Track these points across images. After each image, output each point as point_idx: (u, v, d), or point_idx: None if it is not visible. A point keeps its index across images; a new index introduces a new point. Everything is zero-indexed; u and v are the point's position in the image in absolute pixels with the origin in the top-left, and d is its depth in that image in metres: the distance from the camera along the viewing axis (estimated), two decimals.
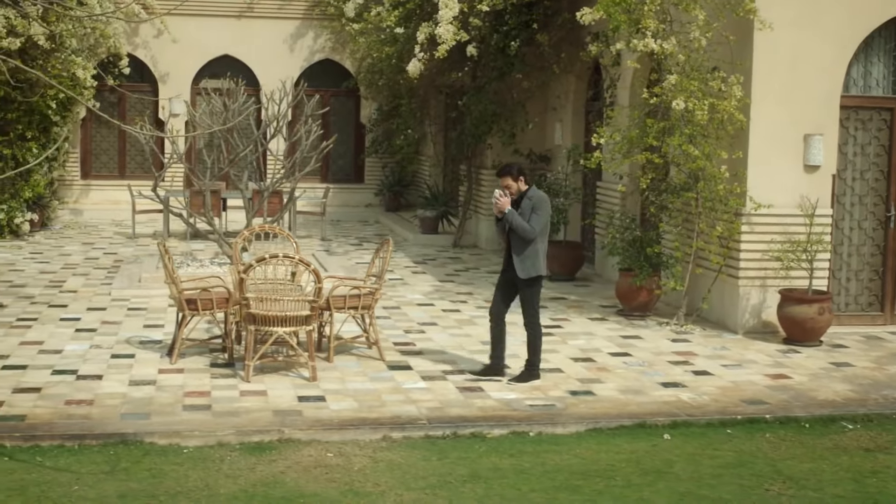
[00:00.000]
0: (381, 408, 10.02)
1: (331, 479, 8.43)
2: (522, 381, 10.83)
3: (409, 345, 12.56)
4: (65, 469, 8.50)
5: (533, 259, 10.58)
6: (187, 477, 8.40)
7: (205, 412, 9.76)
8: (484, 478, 8.52)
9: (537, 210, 10.54)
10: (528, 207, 10.55)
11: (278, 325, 10.77)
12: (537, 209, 10.54)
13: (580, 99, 19.36)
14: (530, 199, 10.60)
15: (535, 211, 10.52)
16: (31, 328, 13.04)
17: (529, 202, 10.59)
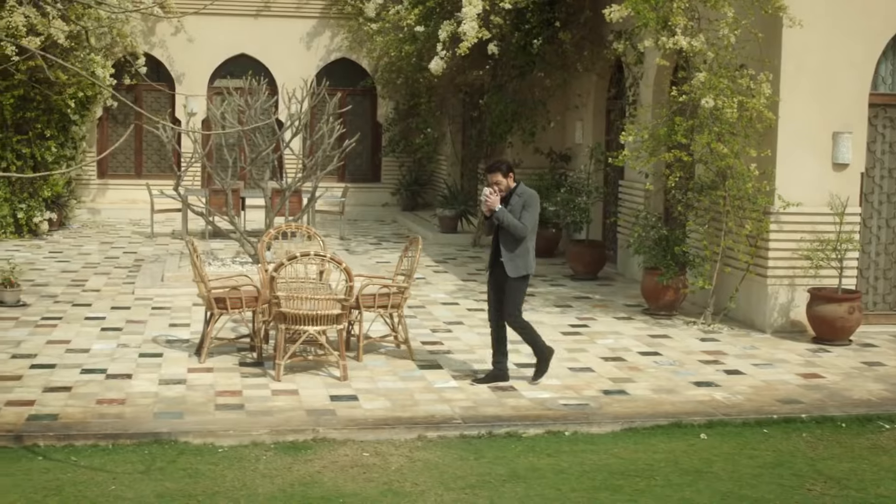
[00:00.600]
0: (414, 407, 9.94)
1: (368, 478, 8.36)
2: (540, 375, 10.85)
3: (437, 344, 12.49)
4: (100, 468, 8.43)
5: (524, 257, 10.41)
6: (224, 477, 8.33)
7: (238, 412, 9.69)
8: (523, 477, 8.44)
9: (528, 207, 10.34)
10: (517, 205, 10.34)
11: (309, 323, 10.70)
12: (528, 206, 10.34)
13: (601, 97, 19.28)
14: (520, 196, 10.39)
15: (525, 208, 10.32)
16: (57, 327, 12.98)
17: (519, 199, 10.38)
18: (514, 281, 10.41)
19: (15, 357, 11.46)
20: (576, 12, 18.07)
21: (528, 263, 10.43)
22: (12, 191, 20.44)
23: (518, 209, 10.31)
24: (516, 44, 18.27)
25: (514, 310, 10.53)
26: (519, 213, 10.30)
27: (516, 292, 10.50)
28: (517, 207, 10.32)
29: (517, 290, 10.49)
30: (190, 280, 15.00)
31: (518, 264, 10.38)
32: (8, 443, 8.88)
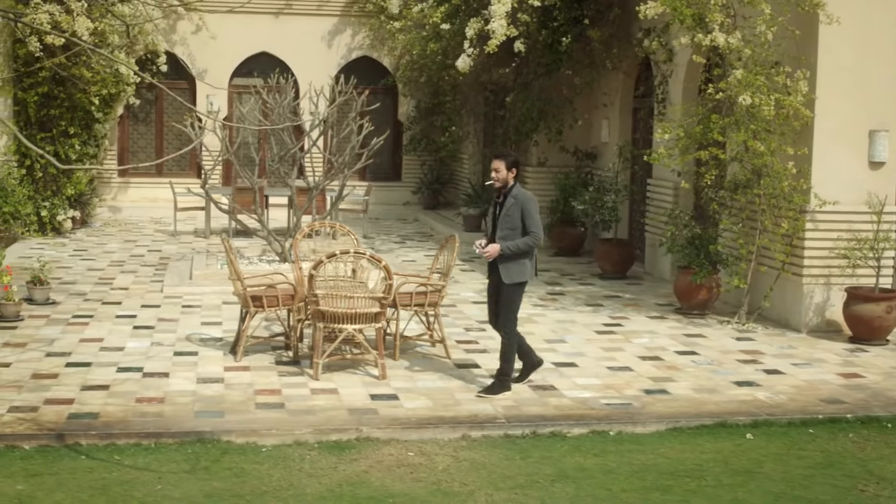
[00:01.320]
0: (456, 406, 9.85)
1: (416, 478, 8.27)
2: (493, 392, 10.09)
3: (472, 343, 12.40)
4: (144, 468, 8.35)
5: (520, 264, 10.02)
6: (270, 476, 8.24)
7: (278, 411, 9.61)
8: (572, 478, 8.35)
9: (529, 213, 9.91)
10: (514, 208, 9.91)
11: (347, 322, 10.61)
12: (529, 212, 9.91)
13: (628, 96, 19.17)
14: (515, 199, 9.94)
15: (526, 213, 9.90)
16: (89, 325, 12.92)
17: (515, 202, 9.92)
18: (508, 288, 10.03)
19: (50, 355, 11.39)
20: (605, 10, 17.95)
21: (524, 270, 10.02)
22: (36, 188, 20.39)
23: (515, 213, 9.91)
24: (543, 41, 18.16)
25: (511, 319, 10.13)
26: (516, 217, 9.90)
27: (511, 300, 10.08)
28: (513, 211, 9.91)
29: (512, 298, 10.07)
30: (218, 278, 15.00)
31: (513, 271, 9.97)
32: (50, 441, 8.80)
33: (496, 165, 10.02)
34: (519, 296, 10.08)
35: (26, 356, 11.33)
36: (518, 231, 9.91)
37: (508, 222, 9.93)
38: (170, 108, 25.78)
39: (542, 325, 13.41)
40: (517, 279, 9.97)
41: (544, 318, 13.87)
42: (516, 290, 10.03)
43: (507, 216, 9.91)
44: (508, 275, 9.94)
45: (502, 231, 9.96)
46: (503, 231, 9.95)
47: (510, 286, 9.98)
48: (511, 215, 9.89)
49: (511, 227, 9.92)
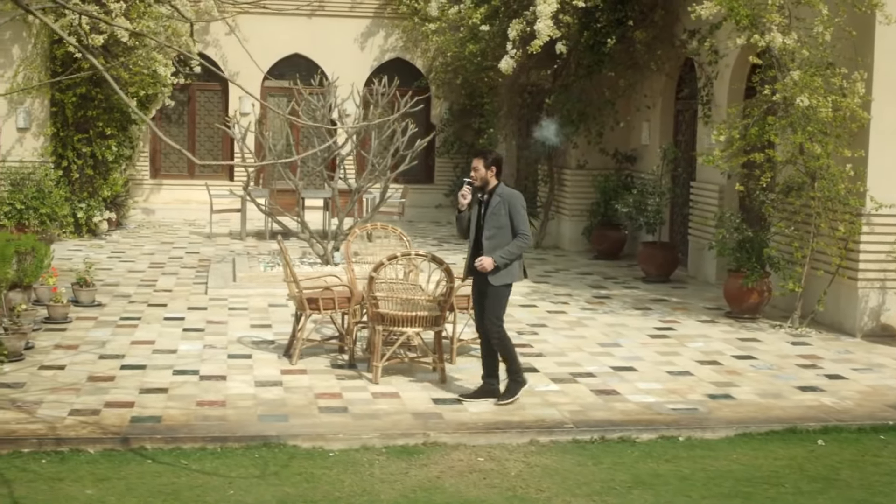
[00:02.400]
0: (521, 411, 9.71)
1: (490, 484, 8.13)
2: (512, 395, 9.85)
3: (526, 346, 12.25)
4: (213, 472, 8.22)
5: (510, 266, 9.71)
6: (342, 482, 8.11)
7: (342, 415, 9.48)
8: (648, 484, 8.20)
9: (516, 211, 9.58)
10: (500, 206, 9.59)
11: (407, 325, 10.47)
12: (515, 210, 9.58)
13: (669, 97, 19.02)
14: (501, 197, 9.61)
15: (514, 212, 9.57)
16: (138, 327, 12.81)
17: (500, 201, 9.60)
18: (494, 289, 9.67)
19: (103, 358, 11.29)
20: (648, 11, 17.79)
21: (512, 271, 9.69)
22: (72, 190, 20.30)
23: (500, 212, 9.59)
24: (585, 43, 18.00)
25: (493, 317, 9.73)
26: (501, 217, 9.59)
27: (496, 300, 9.71)
28: (498, 210, 9.60)
29: (498, 298, 9.72)
30: (262, 280, 14.90)
31: (500, 272, 9.63)
32: (115, 445, 8.69)
33: (475, 164, 9.69)
34: (505, 297, 9.78)
35: (80, 358, 11.22)
36: (505, 230, 9.60)
37: (495, 221, 9.62)
38: (202, 109, 25.71)
39: (594, 329, 13.27)
40: (505, 280, 9.68)
41: (594, 322, 13.72)
42: (503, 291, 9.73)
43: (493, 215, 9.60)
44: (497, 277, 9.64)
45: (489, 230, 9.64)
46: (490, 230, 9.64)
47: (497, 287, 9.67)
48: (497, 214, 9.59)
49: (497, 225, 9.61)
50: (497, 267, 9.56)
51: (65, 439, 8.68)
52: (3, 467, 8.20)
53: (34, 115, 20.23)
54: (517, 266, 9.74)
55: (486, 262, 9.54)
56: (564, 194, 20.72)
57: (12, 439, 8.64)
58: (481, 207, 9.74)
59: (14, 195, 18.89)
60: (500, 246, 9.57)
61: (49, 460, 8.41)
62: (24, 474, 8.09)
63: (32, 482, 7.94)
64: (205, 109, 25.59)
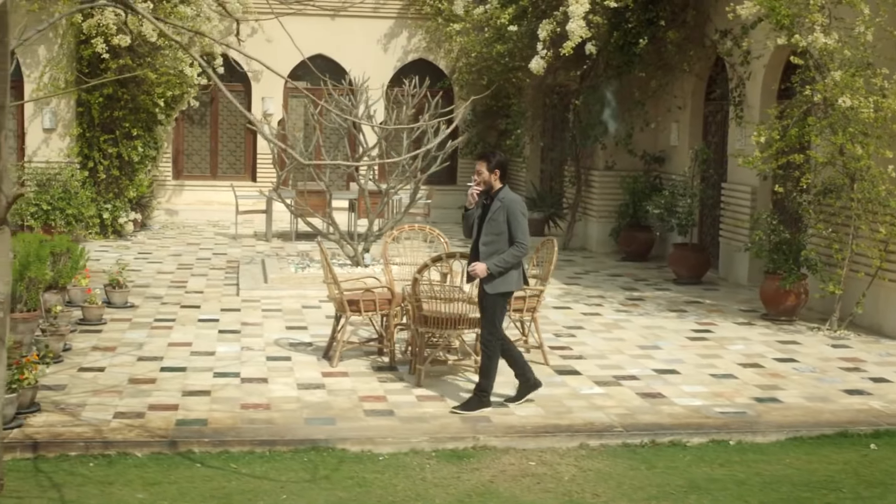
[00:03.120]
0: (568, 414, 9.61)
1: (544, 488, 8.03)
2: (470, 409, 9.43)
3: (565, 349, 12.16)
4: (263, 476, 8.13)
5: (507, 274, 9.39)
6: (394, 486, 8.02)
7: (389, 418, 9.39)
8: (704, 489, 8.10)
9: (514, 218, 9.25)
10: (499, 212, 9.28)
11: (450, 327, 10.37)
12: (514, 216, 9.25)
13: (699, 98, 18.91)
14: (501, 202, 9.30)
15: (512, 219, 9.25)
16: (173, 329, 12.73)
17: (501, 206, 9.29)
18: (490, 298, 9.37)
19: (142, 360, 11.21)
20: (680, 11, 17.67)
21: (508, 280, 9.37)
22: (98, 191, 20.23)
23: (500, 217, 9.28)
24: (614, 43, 17.88)
25: (490, 328, 9.42)
26: (501, 222, 9.27)
27: (493, 309, 9.39)
28: (498, 215, 9.28)
29: (494, 308, 9.40)
30: (294, 282, 14.82)
31: (496, 280, 9.33)
32: (162, 448, 8.60)
33: (478, 167, 9.41)
34: (502, 307, 9.46)
35: (118, 360, 11.15)
36: (503, 237, 9.30)
37: (493, 227, 9.31)
38: (225, 110, 25.62)
39: (631, 332, 13.16)
40: (500, 289, 9.36)
41: (630, 324, 13.62)
42: (499, 301, 9.41)
43: (492, 221, 9.29)
44: (492, 284, 9.33)
45: (486, 236, 9.36)
46: (487, 236, 9.35)
47: (493, 296, 9.36)
48: (496, 220, 9.28)
49: (495, 232, 9.31)
50: (491, 274, 9.25)
51: (112, 442, 8.60)
52: (51, 470, 8.11)
53: (60, 116, 20.17)
54: (515, 275, 9.42)
55: (478, 268, 9.26)
56: (592, 195, 20.61)
57: (59, 442, 8.56)
58: (483, 212, 9.50)
59: (40, 196, 18.83)
60: (496, 253, 9.29)
61: (97, 464, 8.32)
62: (73, 478, 8.00)
63: (82, 486, 7.86)
64: (227, 110, 25.51)
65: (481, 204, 9.48)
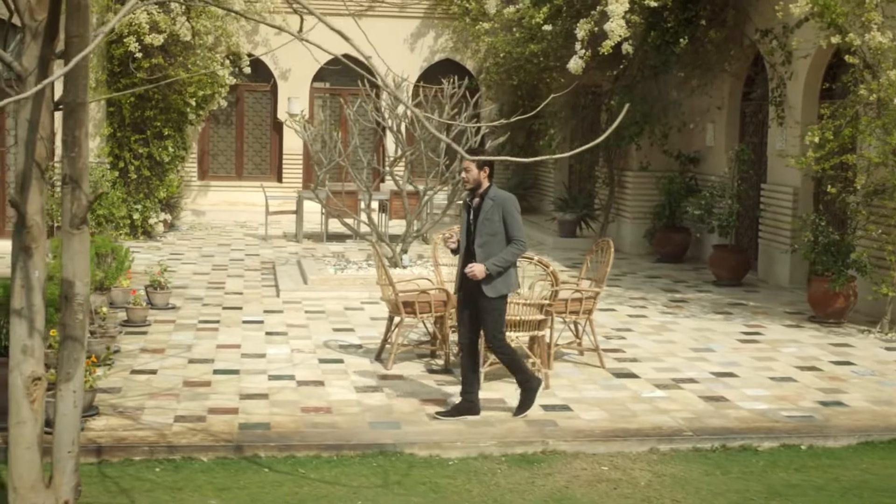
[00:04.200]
0: (634, 418, 9.45)
1: (622, 494, 7.88)
2: (526, 407, 9.34)
3: (618, 351, 12.00)
4: (333, 482, 7.99)
5: (505, 275, 9.00)
6: (469, 491, 7.87)
7: (453, 421, 9.22)
8: (784, 495, 7.95)
9: (510, 216, 8.89)
10: (493, 211, 8.87)
11: (511, 329, 10.20)
12: (509, 214, 8.88)
13: (735, 98, 18.74)
14: (493, 201, 8.89)
15: (508, 217, 8.89)
16: (219, 331, 12.59)
17: (494, 204, 8.88)
18: (492, 302, 8.99)
19: (193, 362, 11.07)
20: (720, 10, 17.50)
21: (509, 281, 9.03)
22: (128, 191, 20.08)
23: (494, 216, 8.89)
24: (651, 43, 17.71)
25: (496, 332, 9.09)
26: (496, 222, 8.90)
27: (495, 314, 9.04)
28: (492, 214, 8.88)
29: (498, 313, 9.06)
30: (335, 283, 14.69)
31: (497, 283, 8.94)
32: (227, 453, 8.45)
33: (466, 165, 8.97)
34: (503, 308, 9.11)
35: (169, 363, 11.01)
36: (498, 237, 8.92)
37: (488, 227, 8.91)
38: (250, 110, 25.50)
39: (681, 334, 13.01)
40: (501, 291, 9.00)
41: (679, 326, 13.46)
42: (501, 303, 9.08)
43: (486, 220, 8.88)
44: (493, 287, 8.95)
45: (481, 237, 8.95)
46: (482, 237, 8.94)
47: (495, 300, 8.99)
48: (490, 219, 8.88)
49: (491, 232, 8.92)
50: (490, 275, 8.88)
51: (177, 447, 8.45)
52: (117, 475, 7.98)
53: (90, 115, 19.91)
54: (513, 274, 9.10)
55: (477, 270, 8.85)
56: (625, 196, 20.45)
57: (123, 447, 8.41)
58: (472, 213, 9.05)
59: None
60: (493, 255, 8.91)
61: (163, 468, 8.18)
62: (141, 483, 7.86)
63: (151, 492, 7.71)
64: (252, 111, 25.38)
65: (466, 207, 9.08)
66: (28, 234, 6.48)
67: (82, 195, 6.49)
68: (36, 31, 6.44)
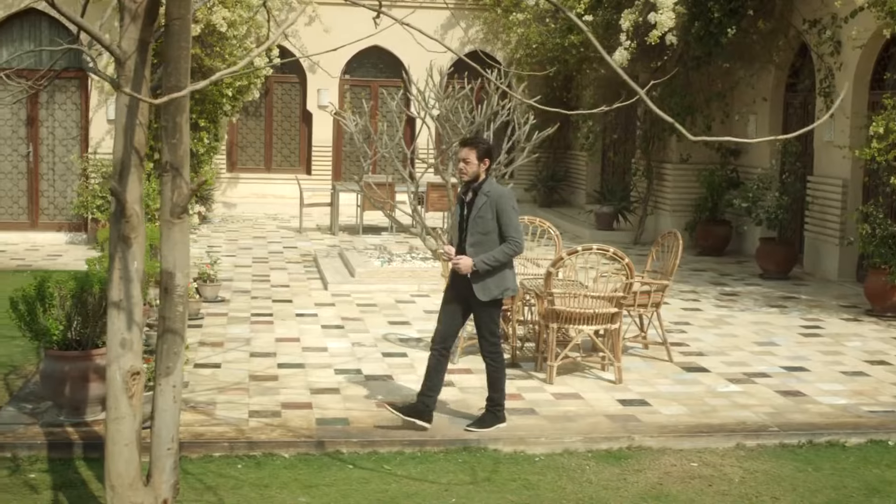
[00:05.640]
0: (714, 413, 9.27)
1: (718, 491, 7.70)
2: (486, 425, 8.49)
3: (682, 345, 11.81)
4: (421, 478, 7.80)
5: (499, 276, 8.36)
6: (562, 489, 7.69)
7: (532, 417, 9.06)
8: (883, 492, 7.78)
9: (504, 213, 8.22)
10: (486, 208, 8.23)
11: (583, 322, 10.03)
12: (503, 211, 8.21)
13: (779, 90, 18.53)
14: (488, 196, 8.23)
15: (502, 214, 8.23)
16: (274, 324, 12.41)
17: (488, 200, 8.23)
18: (485, 306, 8.37)
19: (255, 356, 10.89)
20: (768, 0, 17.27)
21: (502, 283, 8.36)
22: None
23: (488, 213, 8.25)
24: (695, 34, 17.49)
25: (494, 342, 8.50)
26: (489, 220, 8.26)
27: (489, 318, 8.42)
28: (485, 211, 8.24)
29: (492, 318, 8.44)
30: (383, 276, 14.53)
31: (491, 286, 8.32)
32: (309, 449, 8.28)
33: (465, 155, 8.23)
34: (497, 312, 8.49)
35: (231, 356, 10.83)
36: (492, 235, 8.27)
37: (480, 225, 8.26)
38: (279, 102, 25.30)
39: (741, 327, 12.82)
40: (496, 294, 8.34)
41: (736, 320, 13.28)
42: (495, 308, 8.44)
43: (479, 218, 8.23)
44: (485, 290, 8.29)
45: (473, 236, 8.30)
46: (474, 236, 8.29)
47: (488, 304, 8.35)
48: (483, 217, 8.23)
49: (483, 230, 8.27)
50: (478, 273, 8.26)
51: (257, 443, 8.27)
52: (199, 472, 7.79)
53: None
54: (510, 276, 8.46)
55: (463, 263, 8.23)
56: (664, 189, 20.24)
57: (202, 442, 8.23)
58: (464, 209, 8.43)
59: (106, 188, 18.48)
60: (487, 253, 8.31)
61: (244, 465, 8.01)
62: (225, 480, 7.69)
63: (238, 489, 7.53)
64: (282, 102, 25.18)
65: (460, 200, 8.48)
66: (127, 223, 6.31)
67: (183, 183, 6.31)
68: (135, 14, 6.26)
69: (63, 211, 19.77)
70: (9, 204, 19.69)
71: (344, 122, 15.48)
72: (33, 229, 19.61)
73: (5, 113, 19.48)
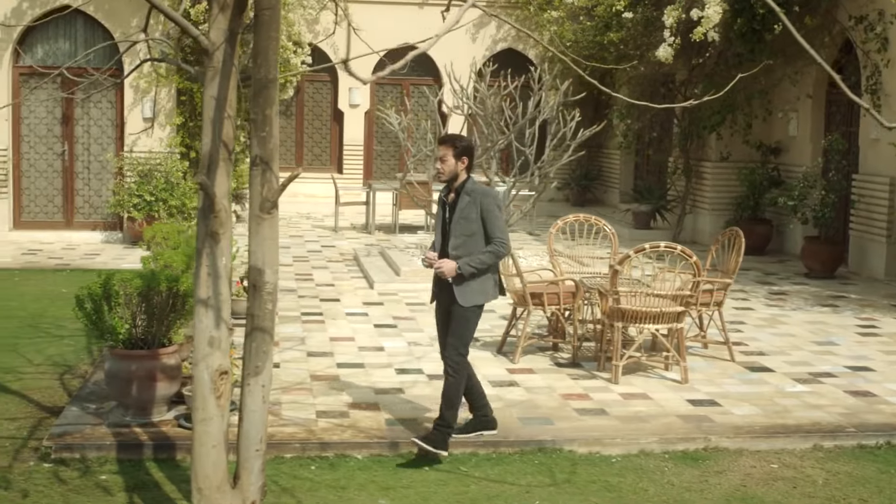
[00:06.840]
0: (787, 413, 9.12)
1: (804, 493, 7.55)
2: (430, 444, 7.84)
3: (741, 344, 11.65)
4: (500, 480, 7.67)
5: (482, 281, 7.91)
6: (645, 490, 7.55)
7: (604, 417, 8.92)
8: None
9: (489, 213, 7.78)
10: (470, 208, 7.78)
11: (649, 321, 9.89)
12: (488, 212, 7.77)
13: (821, 87, 18.35)
14: (471, 196, 7.79)
15: (487, 214, 7.78)
16: (325, 323, 12.29)
17: (471, 200, 7.78)
18: (463, 310, 7.86)
19: (312, 355, 10.77)
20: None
21: (486, 289, 7.93)
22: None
23: (472, 214, 7.80)
24: (738, 31, 17.31)
25: (459, 345, 7.89)
26: (473, 220, 7.82)
27: (465, 324, 7.87)
28: (469, 211, 7.79)
29: (466, 322, 7.88)
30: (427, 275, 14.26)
31: (471, 290, 7.85)
32: (382, 450, 8.14)
33: (441, 153, 7.84)
34: (475, 321, 7.93)
35: (288, 356, 10.70)
36: (476, 237, 7.83)
37: (464, 227, 7.83)
38: (310, 101, 25.19)
39: (796, 327, 12.67)
40: (476, 300, 7.88)
41: (790, 319, 13.12)
42: (473, 314, 7.90)
43: (462, 219, 7.80)
44: (465, 295, 7.84)
45: (456, 238, 7.86)
46: (458, 238, 7.85)
47: (467, 309, 7.86)
48: (467, 218, 7.79)
49: (467, 233, 7.83)
50: (462, 276, 7.79)
51: (329, 444, 8.14)
52: (273, 474, 7.63)
53: (161, 105, 19.65)
54: (491, 282, 7.96)
55: (446, 267, 7.78)
56: (703, 187, 20.07)
57: (273, 443, 8.06)
58: (445, 210, 8.02)
59: (143, 187, 18.39)
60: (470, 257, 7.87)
61: (318, 466, 7.88)
62: (300, 482, 7.55)
63: (315, 491, 7.40)
64: (313, 101, 25.06)
65: (441, 202, 8.07)
66: (216, 218, 6.20)
67: (273, 177, 6.18)
68: (224, 4, 6.14)
69: (98, 210, 19.67)
70: (44, 203, 19.59)
71: (388, 121, 15.34)
72: (68, 228, 19.52)
73: (41, 111, 19.40)
